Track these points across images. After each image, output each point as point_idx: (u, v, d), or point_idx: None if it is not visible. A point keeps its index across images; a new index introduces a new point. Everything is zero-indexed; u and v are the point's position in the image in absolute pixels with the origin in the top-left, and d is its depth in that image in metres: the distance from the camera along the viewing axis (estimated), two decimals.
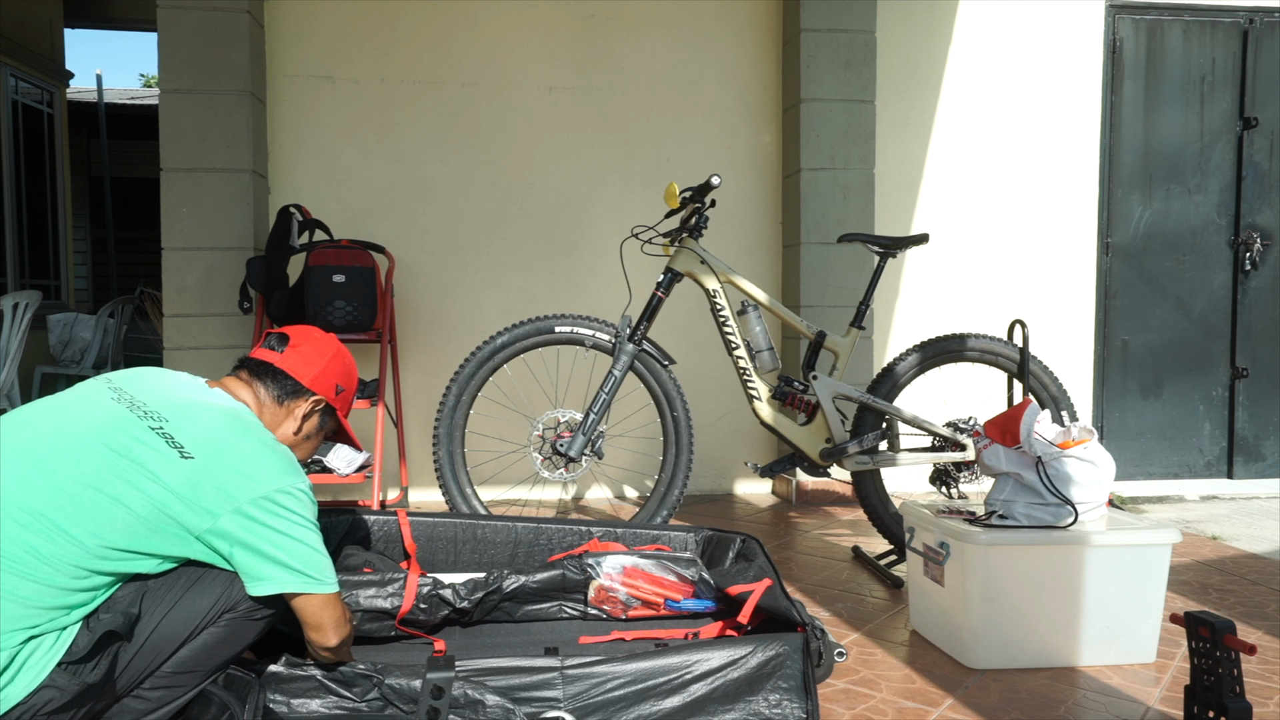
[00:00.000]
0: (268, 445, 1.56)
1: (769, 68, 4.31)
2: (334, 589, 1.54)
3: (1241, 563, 3.17)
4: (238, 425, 1.55)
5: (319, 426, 1.78)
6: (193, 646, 1.47)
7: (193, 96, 3.70)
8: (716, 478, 4.34)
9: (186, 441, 1.47)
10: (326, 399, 1.75)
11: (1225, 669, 1.68)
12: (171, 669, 1.46)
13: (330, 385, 1.76)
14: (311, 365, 1.73)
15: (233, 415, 1.57)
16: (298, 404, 1.72)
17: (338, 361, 1.78)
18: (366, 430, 3.83)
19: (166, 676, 1.46)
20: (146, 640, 1.43)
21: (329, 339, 1.80)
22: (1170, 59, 4.59)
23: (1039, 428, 2.27)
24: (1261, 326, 4.68)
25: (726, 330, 3.03)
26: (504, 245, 4.17)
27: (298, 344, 1.74)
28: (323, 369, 1.74)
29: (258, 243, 3.77)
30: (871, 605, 2.69)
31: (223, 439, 1.51)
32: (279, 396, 1.70)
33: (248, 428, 1.56)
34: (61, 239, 6.96)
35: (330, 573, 1.55)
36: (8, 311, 4.68)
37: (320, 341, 1.77)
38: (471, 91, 4.13)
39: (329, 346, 1.78)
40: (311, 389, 1.72)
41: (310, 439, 1.78)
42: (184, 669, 1.47)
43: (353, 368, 1.84)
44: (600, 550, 2.34)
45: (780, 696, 1.70)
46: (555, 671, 1.65)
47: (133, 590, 1.45)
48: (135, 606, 1.43)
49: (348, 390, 1.81)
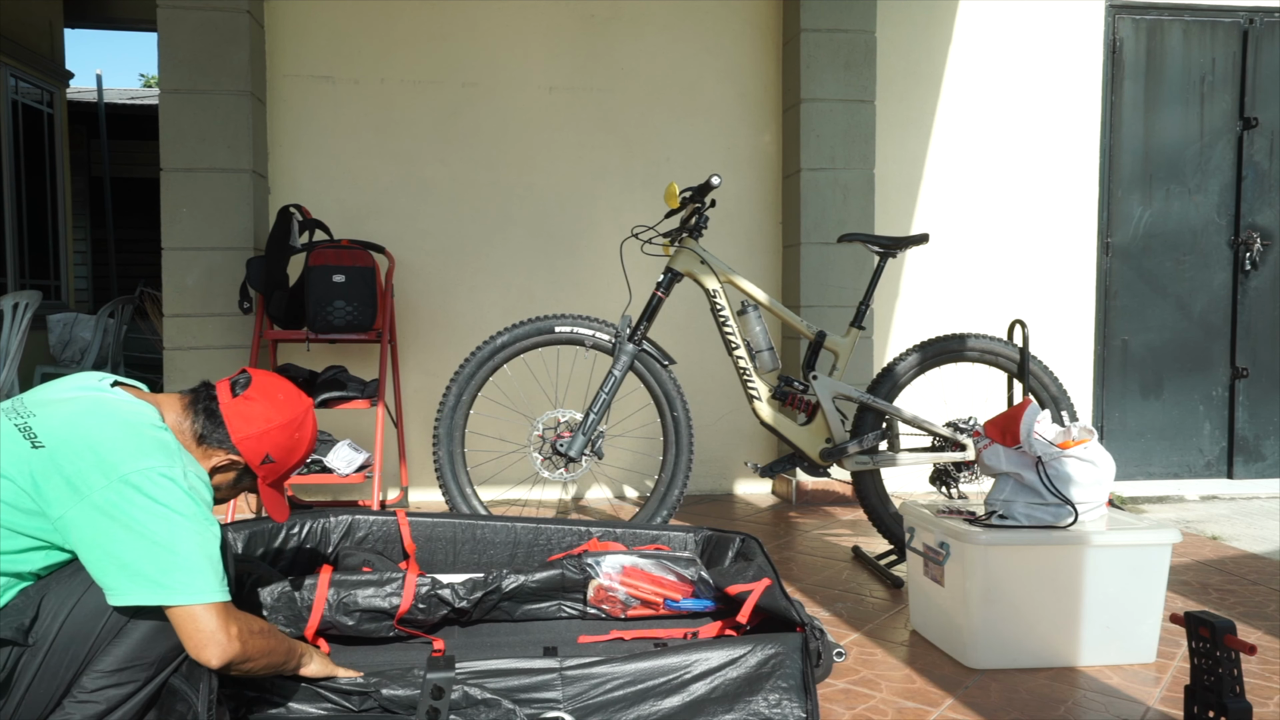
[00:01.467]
0: (131, 427, 1.42)
1: (769, 68, 4.31)
2: (199, 599, 1.36)
3: (1241, 563, 3.17)
4: (101, 410, 1.43)
5: (233, 483, 1.63)
6: (129, 641, 1.41)
7: (193, 96, 3.70)
8: (716, 478, 4.34)
9: (41, 431, 1.38)
10: (247, 463, 1.60)
11: (1225, 669, 1.68)
12: (112, 666, 1.40)
13: (259, 452, 1.60)
14: (252, 424, 1.58)
15: (100, 402, 1.45)
16: (215, 453, 1.58)
17: (283, 432, 1.61)
18: (366, 430, 3.83)
19: (109, 675, 1.40)
20: (54, 642, 1.37)
21: (292, 404, 1.64)
22: (1170, 59, 4.59)
23: (1039, 428, 2.27)
24: (1261, 326, 4.68)
25: (726, 330, 3.03)
26: (504, 245, 4.17)
27: (252, 396, 1.60)
28: (260, 433, 1.59)
29: (258, 243, 3.77)
30: (871, 605, 2.69)
31: (77, 423, 1.40)
32: (201, 436, 1.56)
33: (113, 412, 1.43)
34: (61, 239, 6.97)
35: (195, 577, 1.36)
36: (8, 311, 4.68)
37: (279, 404, 1.62)
38: (471, 91, 4.13)
39: (283, 413, 1.61)
40: (237, 447, 1.58)
41: (221, 488, 1.62)
42: (127, 664, 1.41)
43: (301, 443, 1.65)
44: (600, 550, 2.34)
45: (780, 696, 1.70)
46: (554, 672, 1.65)
47: (33, 593, 1.39)
48: (30, 611, 1.36)
49: (279, 464, 1.63)
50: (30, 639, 1.37)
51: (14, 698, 1.37)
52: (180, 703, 1.44)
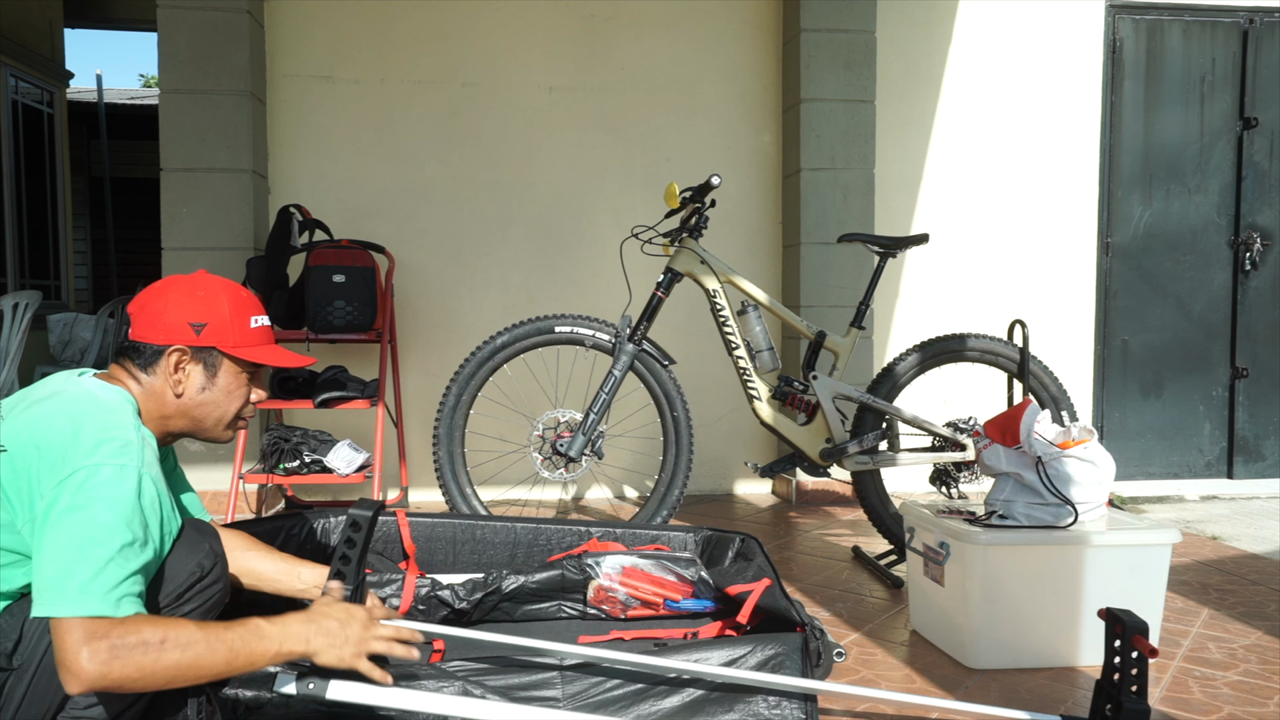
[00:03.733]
0: (90, 424, 1.35)
1: (769, 68, 4.31)
2: (59, 610, 1.20)
3: (1241, 563, 3.17)
4: (60, 402, 1.39)
5: (205, 375, 1.55)
6: None
7: (193, 96, 3.70)
8: (716, 478, 4.34)
9: (4, 433, 1.34)
10: (186, 345, 1.53)
11: (1129, 668, 1.68)
12: None
13: (179, 329, 1.53)
14: (155, 322, 1.53)
15: (60, 395, 1.40)
16: (161, 367, 1.52)
17: (180, 301, 1.54)
18: (366, 430, 3.83)
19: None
20: (40, 664, 1.31)
21: (171, 282, 1.58)
22: (1170, 59, 4.59)
23: (1039, 428, 2.27)
24: (1261, 326, 4.68)
25: (726, 330, 3.03)
26: (504, 245, 4.17)
27: (142, 306, 1.55)
28: (165, 319, 1.53)
29: (258, 243, 3.77)
30: (871, 605, 2.69)
31: (37, 421, 1.35)
32: (143, 367, 1.52)
33: (72, 403, 1.39)
34: (61, 239, 6.96)
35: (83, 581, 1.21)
36: (8, 311, 4.68)
37: (160, 292, 1.56)
38: (471, 91, 4.13)
39: (168, 291, 1.55)
40: (165, 344, 1.52)
41: (206, 391, 1.55)
42: None
43: (212, 293, 1.57)
44: (599, 550, 2.34)
45: (779, 697, 1.70)
46: (554, 671, 1.65)
47: (15, 613, 1.34)
48: (13, 634, 1.32)
49: (212, 323, 1.55)
50: (14, 662, 1.32)
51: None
52: (170, 707, 1.44)
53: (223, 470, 3.70)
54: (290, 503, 3.94)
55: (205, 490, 3.71)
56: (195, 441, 3.79)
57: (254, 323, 1.60)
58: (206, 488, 3.71)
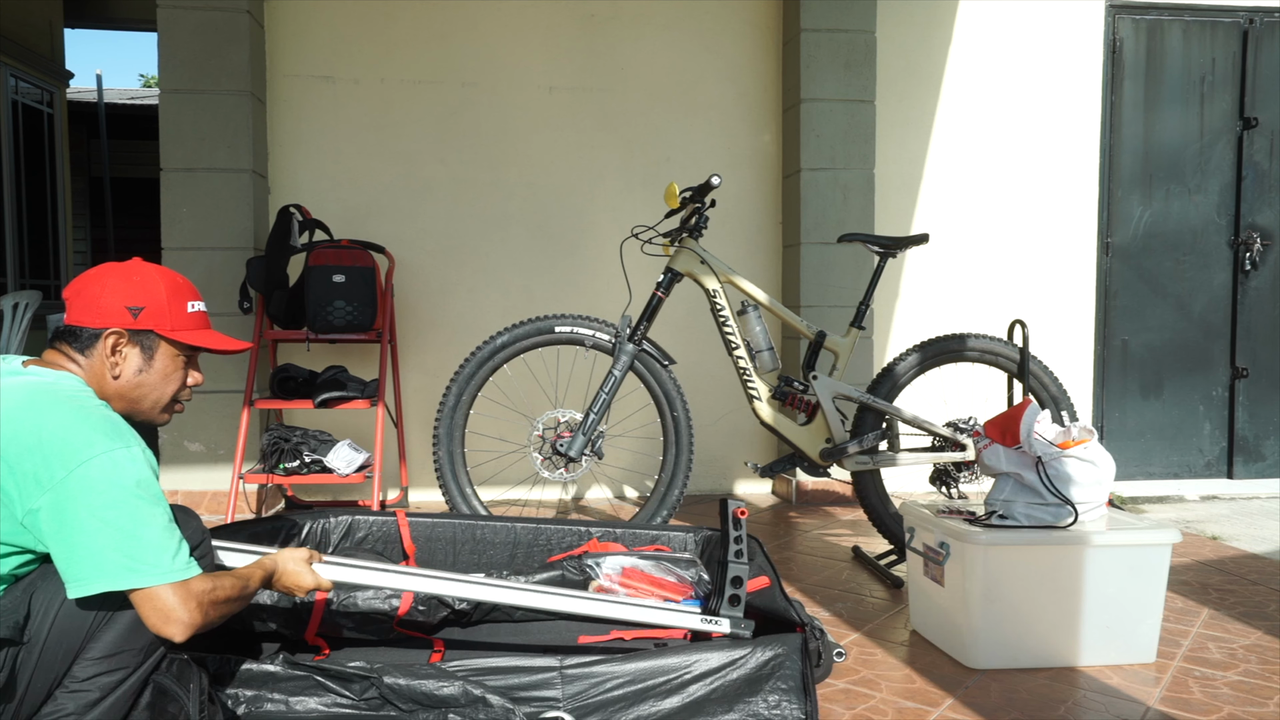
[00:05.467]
0: (78, 409, 1.43)
1: (769, 68, 4.31)
2: (168, 578, 1.38)
3: (1241, 563, 3.17)
4: (42, 397, 1.43)
5: (142, 358, 1.58)
6: (118, 627, 1.41)
7: (193, 96, 3.70)
8: (716, 478, 4.34)
9: None
10: (123, 328, 1.56)
11: (731, 533, 1.95)
12: (102, 652, 1.41)
13: (116, 312, 1.56)
14: (91, 306, 1.56)
15: (36, 389, 1.44)
16: (95, 348, 1.55)
17: (117, 285, 1.58)
18: (366, 430, 3.83)
19: (100, 661, 1.41)
20: (48, 637, 1.38)
21: (107, 268, 1.61)
22: (1170, 59, 4.59)
23: (1039, 428, 2.27)
24: (1261, 326, 4.68)
25: (726, 330, 3.03)
26: (504, 245, 4.17)
27: (78, 291, 1.58)
28: (101, 303, 1.56)
29: (258, 243, 3.77)
30: (871, 605, 2.69)
31: (23, 418, 1.39)
32: (81, 349, 1.55)
33: (56, 397, 1.43)
34: (61, 239, 6.97)
35: (159, 556, 1.38)
36: (8, 311, 4.68)
37: (96, 277, 1.59)
38: (471, 91, 4.13)
39: (105, 276, 1.59)
40: (102, 327, 1.55)
41: (143, 373, 1.59)
42: (117, 649, 1.42)
43: (148, 278, 1.61)
44: (599, 551, 2.34)
45: (779, 697, 1.70)
46: (554, 671, 1.65)
47: (19, 592, 1.40)
48: (21, 609, 1.38)
49: (149, 306, 1.58)
50: (25, 636, 1.38)
51: (18, 696, 1.38)
52: (172, 703, 1.44)
53: (223, 470, 3.70)
54: (290, 503, 3.94)
55: (205, 490, 3.71)
56: (195, 442, 3.83)
57: (191, 307, 1.65)
58: (206, 488, 3.71)
